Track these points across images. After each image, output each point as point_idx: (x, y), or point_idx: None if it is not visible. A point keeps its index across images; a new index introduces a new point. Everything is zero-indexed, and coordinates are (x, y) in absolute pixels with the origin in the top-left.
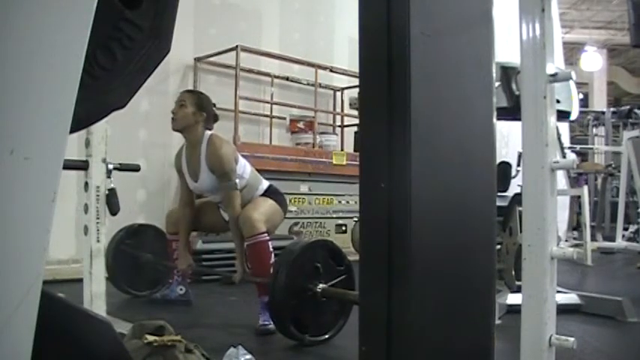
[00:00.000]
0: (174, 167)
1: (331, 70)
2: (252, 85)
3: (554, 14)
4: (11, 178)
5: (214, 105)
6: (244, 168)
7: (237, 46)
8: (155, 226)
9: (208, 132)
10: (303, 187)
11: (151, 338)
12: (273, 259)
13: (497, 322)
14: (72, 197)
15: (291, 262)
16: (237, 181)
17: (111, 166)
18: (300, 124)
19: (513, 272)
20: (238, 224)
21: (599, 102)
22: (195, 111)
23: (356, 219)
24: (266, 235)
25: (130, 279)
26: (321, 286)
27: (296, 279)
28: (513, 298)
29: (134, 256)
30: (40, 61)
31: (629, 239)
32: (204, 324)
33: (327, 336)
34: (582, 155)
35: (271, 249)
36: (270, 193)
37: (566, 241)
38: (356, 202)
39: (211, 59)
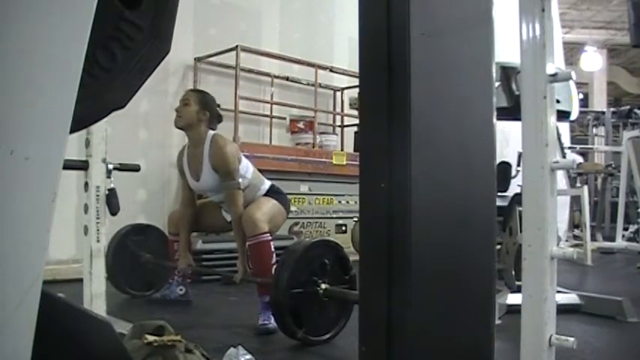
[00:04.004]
0: (177, 167)
1: (331, 70)
2: (252, 85)
3: (554, 14)
4: (11, 178)
5: (218, 105)
6: (247, 168)
7: (237, 46)
8: (156, 226)
9: (211, 132)
10: (303, 187)
11: (151, 338)
12: (274, 259)
13: (497, 322)
14: (72, 197)
15: (295, 261)
16: (240, 180)
17: (111, 166)
18: (300, 124)
19: (513, 272)
20: (241, 223)
21: (599, 102)
22: (199, 110)
23: (356, 219)
24: (268, 235)
25: (130, 279)
26: (323, 286)
27: (299, 278)
28: (513, 298)
29: (134, 256)
30: (40, 61)
31: (629, 239)
32: (204, 324)
33: (327, 336)
34: (582, 155)
35: (273, 249)
36: (272, 192)
37: (566, 241)
38: (356, 202)
39: (211, 59)
